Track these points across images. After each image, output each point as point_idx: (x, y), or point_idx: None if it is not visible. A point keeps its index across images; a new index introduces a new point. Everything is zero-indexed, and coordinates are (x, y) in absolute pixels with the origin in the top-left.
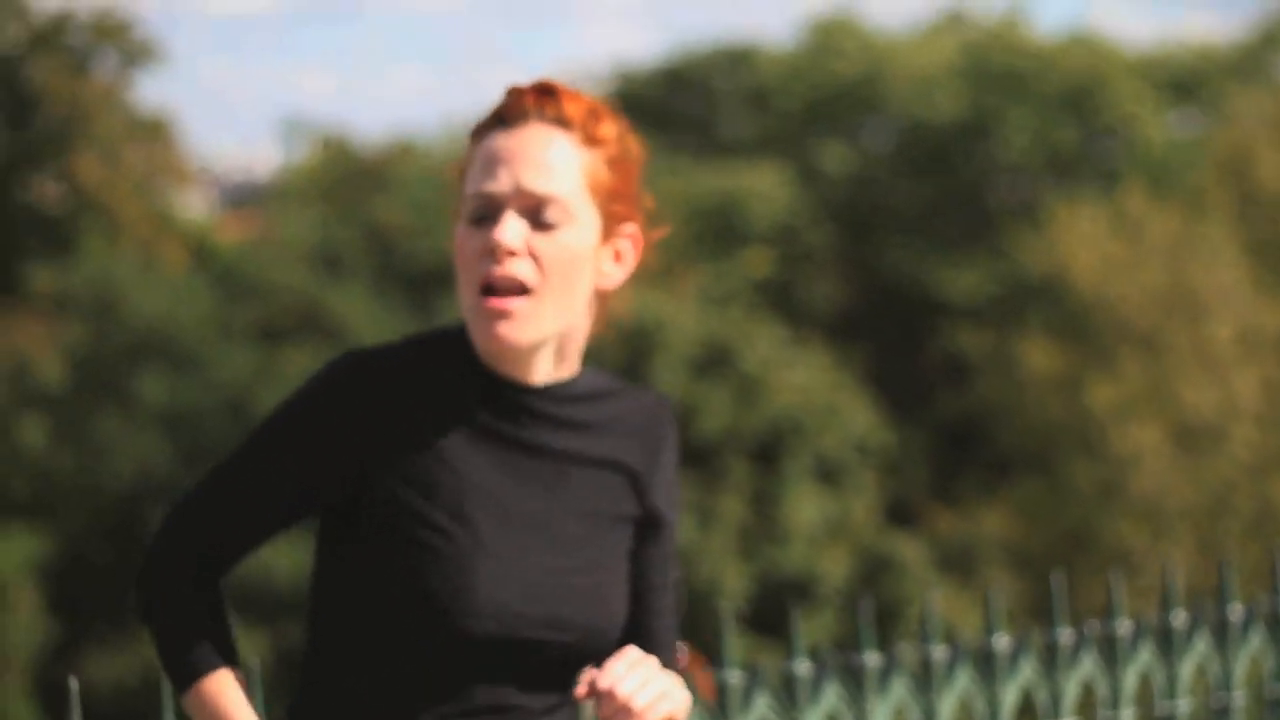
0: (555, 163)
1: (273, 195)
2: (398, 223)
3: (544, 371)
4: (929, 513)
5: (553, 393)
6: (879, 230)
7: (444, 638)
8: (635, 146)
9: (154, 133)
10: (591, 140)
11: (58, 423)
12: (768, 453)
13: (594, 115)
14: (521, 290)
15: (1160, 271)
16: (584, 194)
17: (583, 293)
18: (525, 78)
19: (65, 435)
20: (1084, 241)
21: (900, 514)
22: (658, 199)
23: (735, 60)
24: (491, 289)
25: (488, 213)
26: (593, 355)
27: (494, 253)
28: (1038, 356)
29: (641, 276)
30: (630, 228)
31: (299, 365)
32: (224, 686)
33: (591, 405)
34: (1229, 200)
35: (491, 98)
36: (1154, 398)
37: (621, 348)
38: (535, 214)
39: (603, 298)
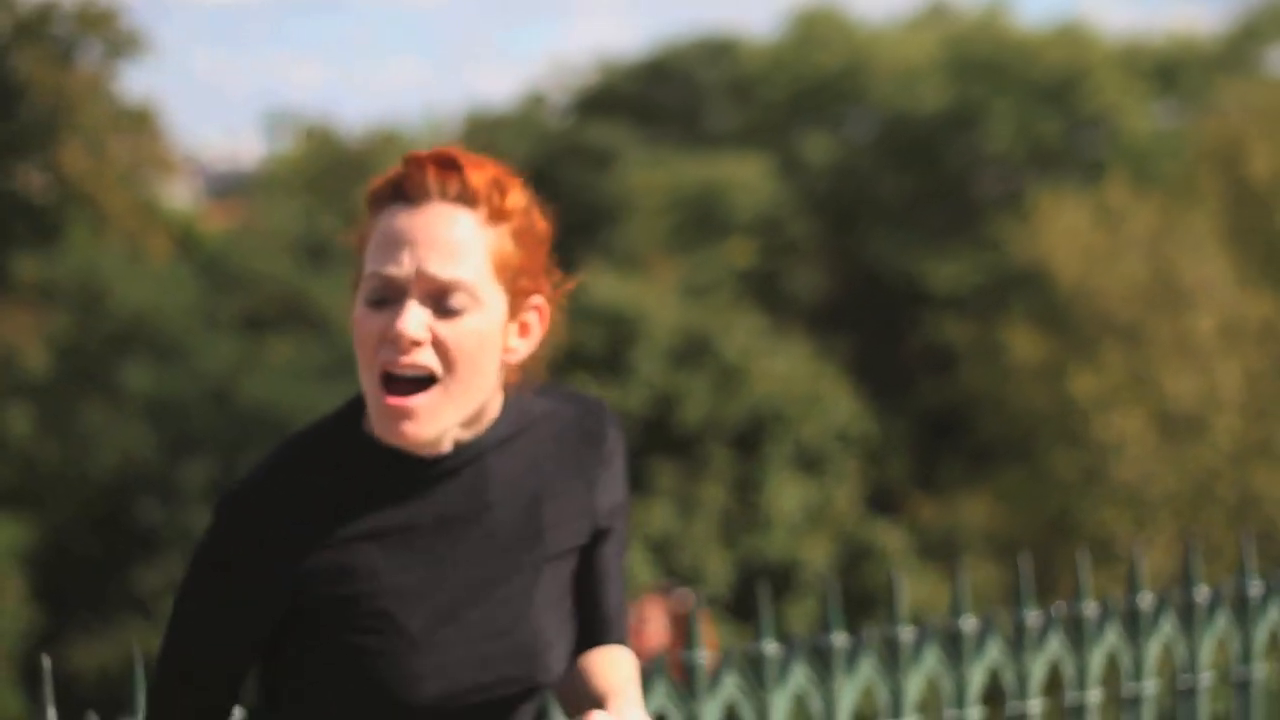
0: (460, 246)
1: (257, 185)
2: None
3: (451, 440)
4: (911, 501)
5: (468, 451)
6: (862, 221)
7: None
8: (540, 216)
9: (139, 123)
10: (497, 215)
11: (43, 412)
12: (749, 441)
13: (499, 187)
14: (426, 378)
15: (1143, 262)
16: (489, 275)
17: (490, 373)
18: (513, 71)
19: (50, 425)
20: (1067, 232)
21: (882, 502)
22: (642, 190)
23: (718, 52)
24: (392, 378)
25: (388, 295)
26: (574, 347)
27: (396, 341)
28: (1021, 346)
29: (622, 265)
30: (537, 299)
31: (283, 355)
32: None
33: (515, 441)
34: (1214, 191)
35: (480, 91)
36: (1136, 387)
37: (603, 338)
38: (439, 300)
39: (509, 368)
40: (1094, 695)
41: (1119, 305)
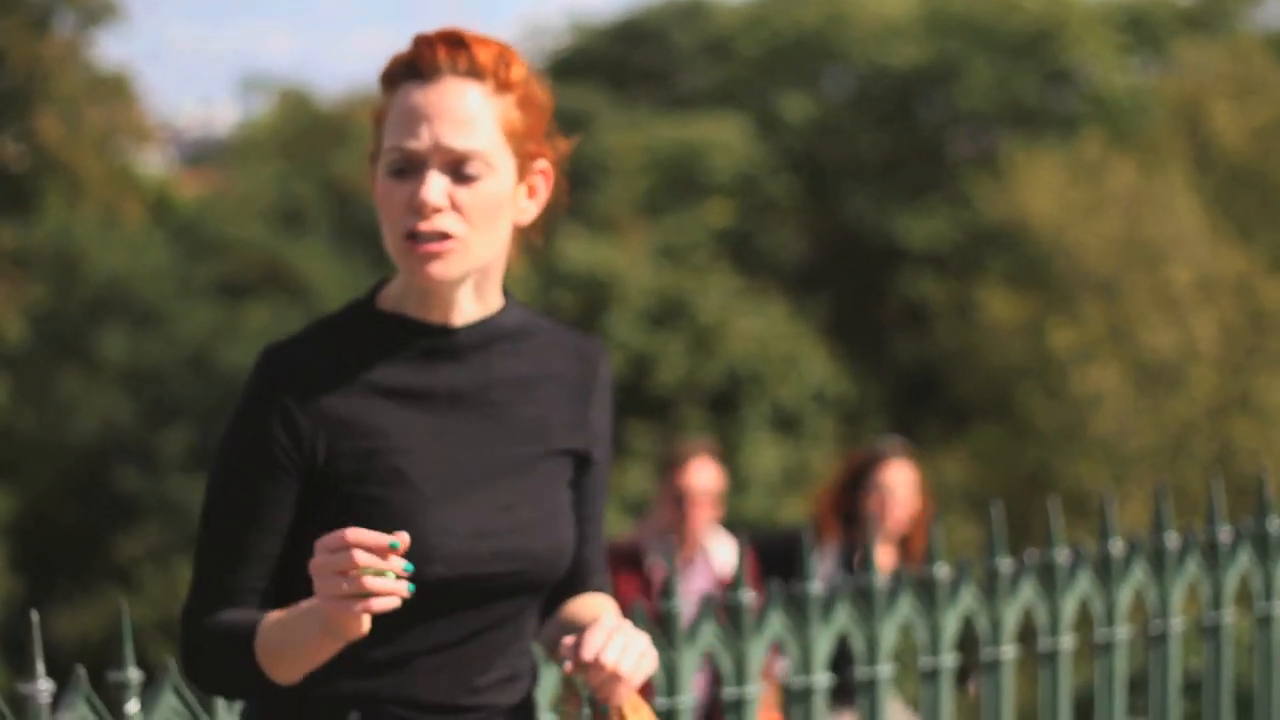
0: (472, 117)
1: (232, 152)
2: (357, 176)
3: (465, 311)
4: None
5: (477, 331)
6: (839, 179)
7: None
8: (541, 85)
9: (114, 91)
10: (503, 86)
11: (20, 381)
12: (725, 402)
13: (503, 60)
14: (447, 237)
15: (1119, 217)
16: (500, 142)
17: (504, 230)
18: (486, 34)
19: (28, 393)
20: (1044, 188)
21: None
22: (617, 153)
23: (692, 11)
24: (417, 237)
25: (408, 166)
26: (548, 310)
27: (420, 209)
28: (997, 303)
29: (598, 229)
30: (542, 164)
31: (260, 320)
32: (275, 615)
33: (518, 341)
34: (1183, 148)
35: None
36: (1114, 340)
37: (577, 301)
38: (456, 168)
39: (519, 230)
40: (1067, 641)
41: (1096, 260)
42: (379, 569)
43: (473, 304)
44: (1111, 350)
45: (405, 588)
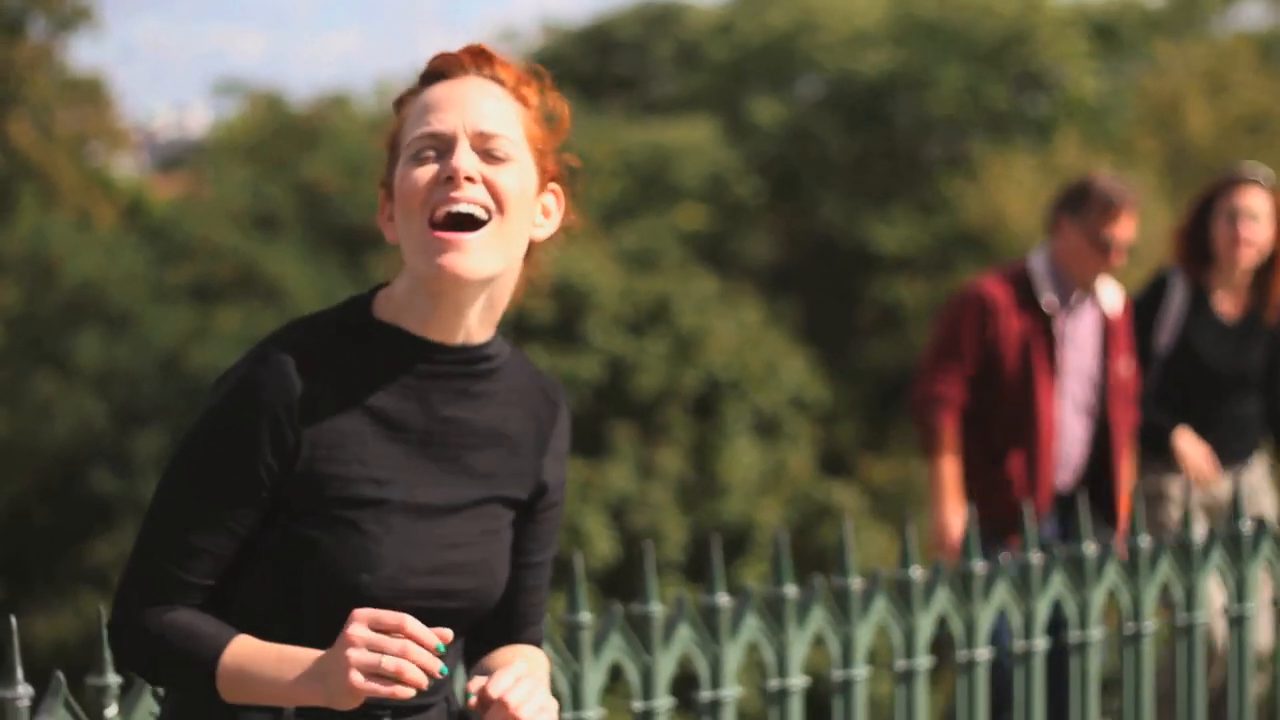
0: (499, 108)
1: (204, 156)
2: (330, 180)
3: (466, 330)
4: (863, 462)
5: (465, 354)
6: (811, 183)
7: (341, 603)
8: (563, 111)
9: (88, 95)
10: (522, 100)
11: None
12: (705, 406)
13: (523, 80)
14: (473, 225)
15: None
16: (523, 140)
17: (524, 236)
18: (457, 39)
19: (2, 397)
20: (1017, 192)
21: (834, 464)
22: (589, 158)
23: (663, 17)
24: (441, 224)
25: (436, 148)
26: (526, 312)
27: (452, 179)
28: None
29: (574, 233)
30: (554, 185)
31: (233, 324)
32: (249, 646)
33: (496, 372)
34: (1157, 150)
35: (424, 58)
36: None
37: (554, 307)
38: (485, 149)
39: (530, 252)
40: (1040, 643)
41: None
42: (425, 667)
43: (475, 324)
44: None
45: (426, 685)
